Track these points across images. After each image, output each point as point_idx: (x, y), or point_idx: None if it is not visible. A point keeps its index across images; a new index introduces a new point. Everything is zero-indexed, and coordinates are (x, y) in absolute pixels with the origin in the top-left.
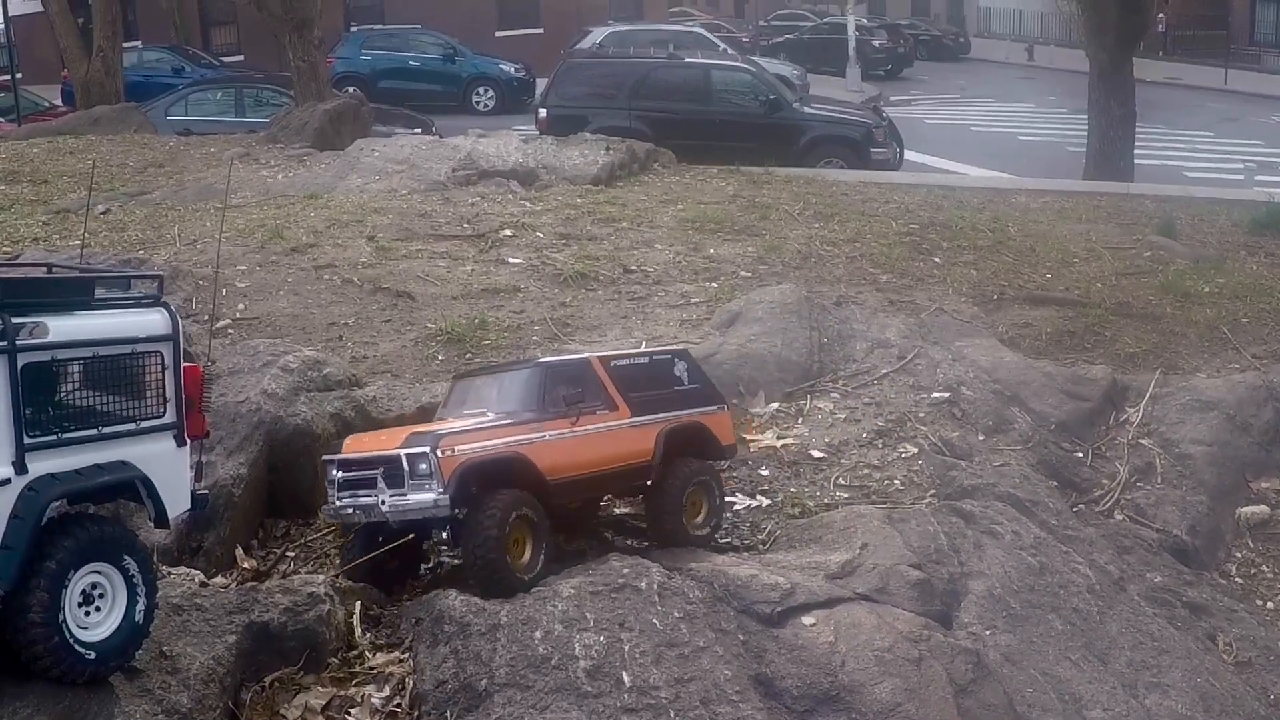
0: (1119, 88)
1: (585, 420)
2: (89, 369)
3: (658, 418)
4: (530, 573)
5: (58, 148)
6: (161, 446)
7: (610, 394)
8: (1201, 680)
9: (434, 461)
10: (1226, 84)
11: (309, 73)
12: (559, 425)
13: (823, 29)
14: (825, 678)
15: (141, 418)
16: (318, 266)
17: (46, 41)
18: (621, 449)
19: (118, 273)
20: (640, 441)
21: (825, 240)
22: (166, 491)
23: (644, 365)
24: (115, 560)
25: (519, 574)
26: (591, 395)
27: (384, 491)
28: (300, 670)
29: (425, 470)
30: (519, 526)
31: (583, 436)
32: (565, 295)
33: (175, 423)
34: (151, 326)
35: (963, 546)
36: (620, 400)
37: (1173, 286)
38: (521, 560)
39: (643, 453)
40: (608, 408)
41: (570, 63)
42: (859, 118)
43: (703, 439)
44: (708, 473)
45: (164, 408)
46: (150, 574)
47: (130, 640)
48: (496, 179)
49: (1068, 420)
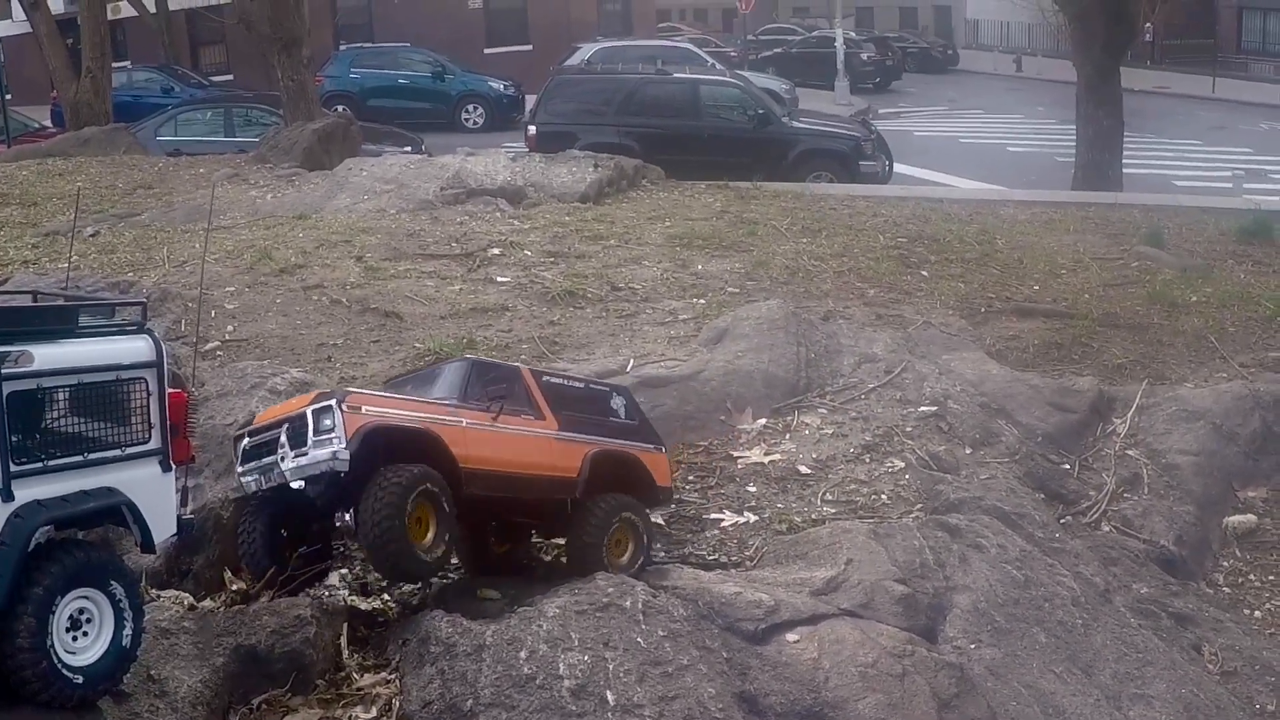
0: (1107, 98)
1: (508, 420)
2: (74, 396)
3: (587, 438)
4: (432, 554)
5: (47, 169)
6: (147, 472)
7: (538, 404)
8: (1186, 691)
9: (338, 417)
10: (1214, 92)
11: (298, 92)
12: (478, 416)
13: (811, 43)
14: (809, 694)
15: (127, 444)
16: (306, 287)
17: (35, 62)
18: (543, 458)
19: (102, 300)
20: (565, 456)
21: (813, 255)
22: (152, 516)
23: (578, 389)
24: (102, 585)
25: (420, 553)
26: (518, 401)
27: (286, 451)
28: (288, 692)
29: (329, 425)
30: (422, 504)
31: (502, 432)
32: (553, 314)
33: (160, 448)
34: (136, 353)
35: (948, 561)
36: (548, 412)
37: (1160, 296)
38: (423, 540)
39: (567, 468)
40: (534, 415)
41: (559, 79)
42: (848, 131)
43: (635, 474)
44: (636, 510)
45: (149, 433)
46: (137, 599)
47: (118, 664)
48: (485, 197)
49: (1055, 432)
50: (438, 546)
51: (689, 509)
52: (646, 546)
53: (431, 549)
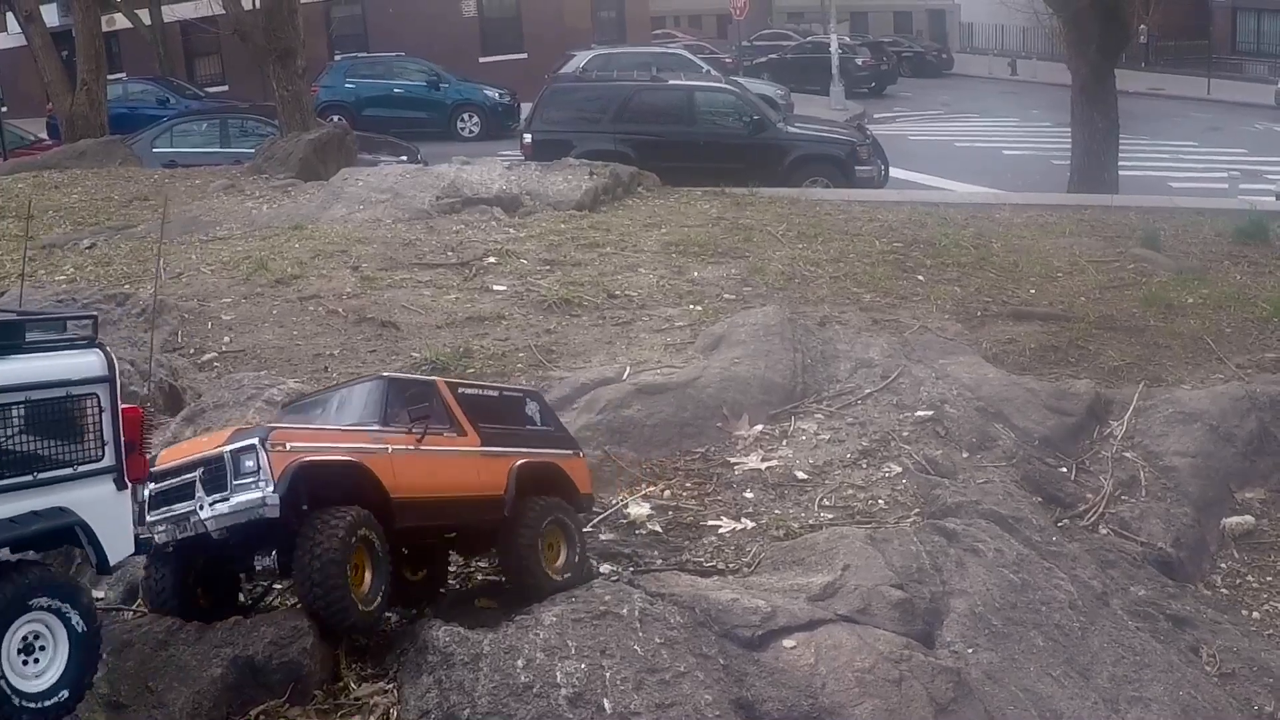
0: (1102, 100)
1: (432, 441)
2: (22, 414)
3: (510, 451)
4: (370, 604)
5: (43, 182)
6: (101, 490)
7: (458, 419)
8: (1184, 693)
9: (263, 458)
10: (1209, 93)
11: (293, 102)
12: (403, 440)
13: (806, 48)
14: (806, 700)
15: (79, 462)
16: (302, 298)
17: (31, 75)
18: (471, 478)
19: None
20: (491, 473)
21: (809, 261)
22: (107, 536)
23: (493, 399)
24: (56, 609)
25: (360, 604)
26: (438, 418)
27: (203, 498)
28: (286, 703)
29: (252, 467)
30: (359, 550)
31: (429, 456)
32: (550, 321)
33: (115, 466)
34: (87, 368)
35: (945, 565)
36: (469, 428)
37: (1156, 298)
38: (361, 589)
39: (494, 485)
40: (456, 433)
41: (554, 87)
42: (843, 136)
43: (558, 483)
44: (564, 511)
45: (102, 451)
46: (94, 622)
47: (73, 691)
48: (480, 206)
49: (1051, 435)
50: (375, 593)
51: (686, 515)
52: (581, 552)
53: (369, 597)
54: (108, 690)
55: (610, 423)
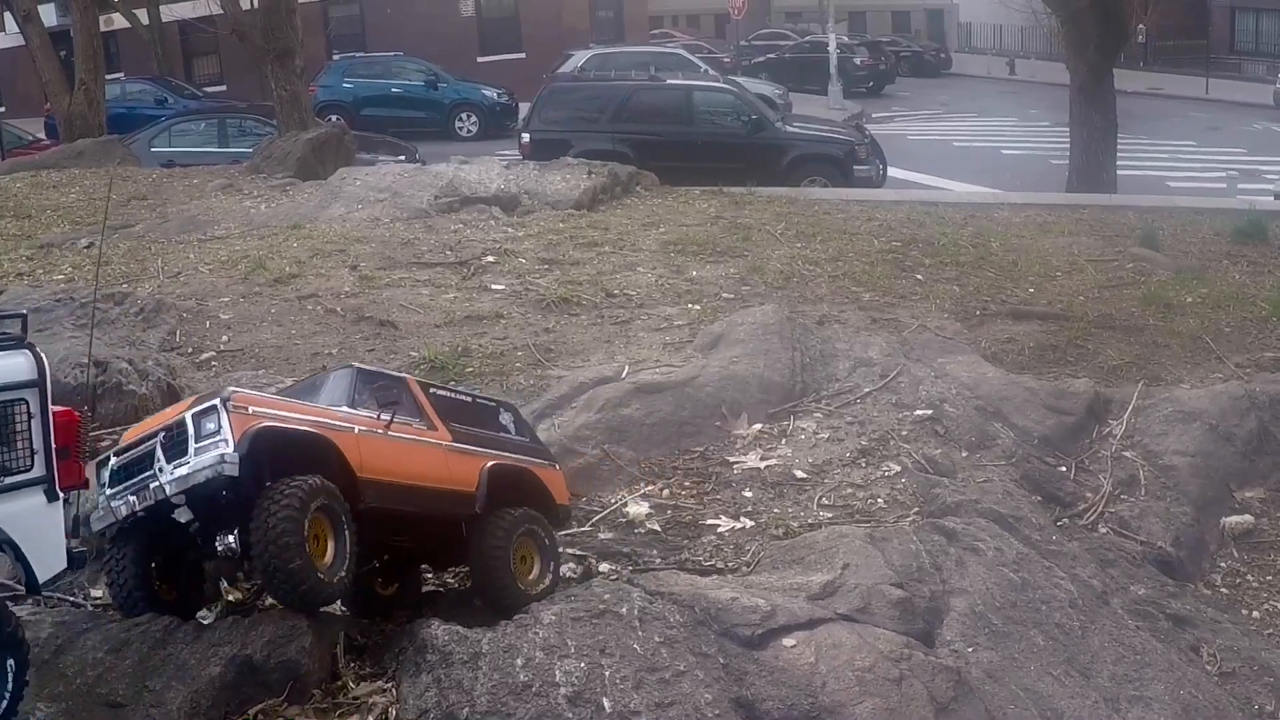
0: (1100, 99)
1: (400, 429)
2: None
3: (482, 451)
4: (334, 575)
5: (41, 181)
6: (29, 503)
7: (428, 414)
8: (1185, 692)
9: (224, 418)
10: (1208, 93)
11: (291, 102)
12: (370, 423)
13: (804, 48)
14: (806, 699)
15: (4, 473)
16: (301, 297)
17: (29, 75)
18: (439, 469)
19: None
20: (461, 468)
21: (807, 260)
22: (36, 552)
23: (466, 403)
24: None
25: (320, 574)
26: (408, 411)
27: (163, 464)
28: (284, 701)
29: (213, 428)
30: (319, 519)
31: (397, 441)
32: (548, 321)
33: (45, 476)
34: (14, 371)
35: (945, 564)
36: (439, 424)
37: (1155, 298)
38: (323, 560)
39: (464, 481)
40: (425, 425)
41: (552, 87)
42: (842, 136)
43: (532, 490)
44: (536, 522)
45: (30, 460)
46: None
47: None
48: (479, 205)
49: (1051, 435)
50: (339, 565)
51: (685, 514)
52: (555, 562)
53: (333, 569)
54: (105, 690)
55: (609, 422)
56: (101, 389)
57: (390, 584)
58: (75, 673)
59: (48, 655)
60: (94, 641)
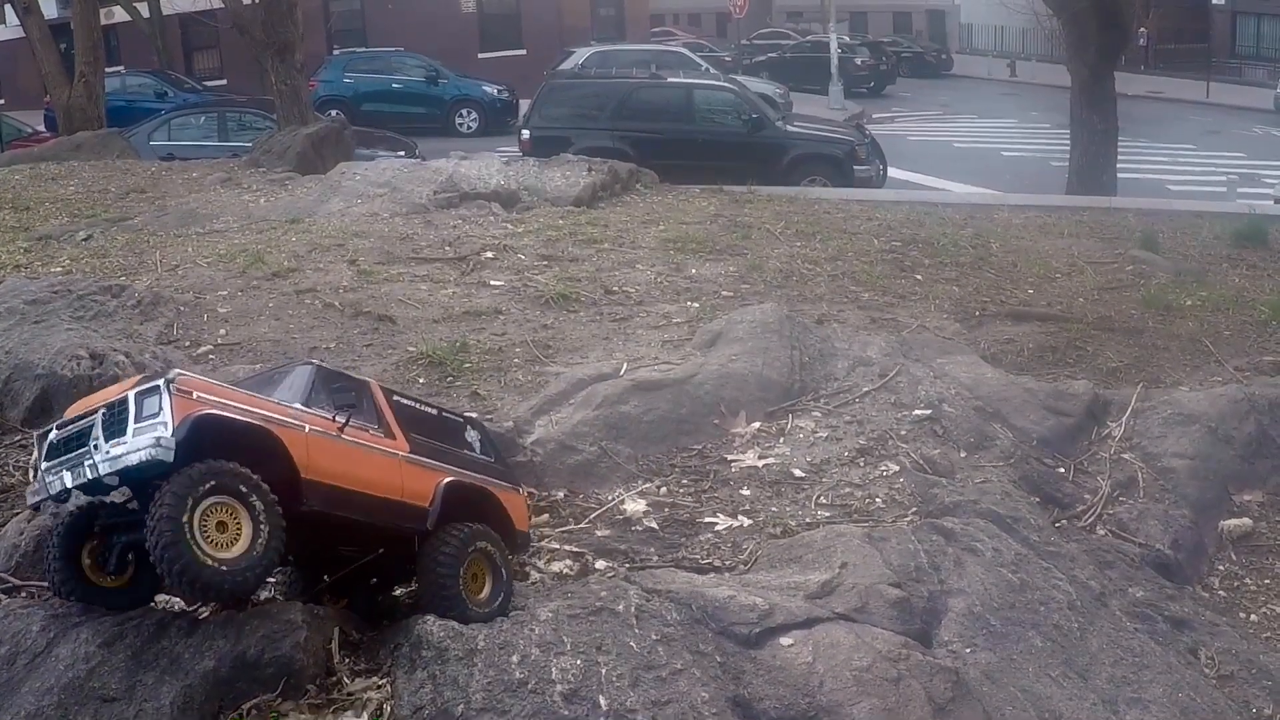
0: (1101, 102)
1: (355, 434)
2: None
3: (440, 466)
4: (235, 567)
5: (40, 174)
6: None
7: (388, 422)
8: (1183, 695)
9: (165, 400)
10: (1208, 97)
11: (291, 96)
12: (323, 424)
13: (805, 47)
14: (803, 698)
15: None
16: (299, 291)
17: (28, 67)
18: (392, 480)
19: None
20: (416, 481)
21: (807, 259)
22: None
23: (431, 415)
24: None
25: (212, 561)
26: (366, 416)
27: (100, 441)
28: (278, 697)
29: (153, 410)
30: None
31: (350, 445)
32: (547, 317)
33: None
34: None
35: (943, 564)
36: (398, 432)
37: (1155, 300)
38: (232, 549)
39: (417, 495)
40: (383, 433)
41: (553, 84)
42: (842, 136)
43: (491, 512)
44: (493, 541)
45: None
46: None
47: None
48: (478, 201)
49: (1049, 436)
50: (250, 552)
51: (683, 512)
52: (507, 584)
53: (235, 561)
54: (98, 684)
55: (607, 419)
56: (98, 381)
57: (339, 600)
58: (67, 666)
59: (40, 648)
60: (86, 635)
